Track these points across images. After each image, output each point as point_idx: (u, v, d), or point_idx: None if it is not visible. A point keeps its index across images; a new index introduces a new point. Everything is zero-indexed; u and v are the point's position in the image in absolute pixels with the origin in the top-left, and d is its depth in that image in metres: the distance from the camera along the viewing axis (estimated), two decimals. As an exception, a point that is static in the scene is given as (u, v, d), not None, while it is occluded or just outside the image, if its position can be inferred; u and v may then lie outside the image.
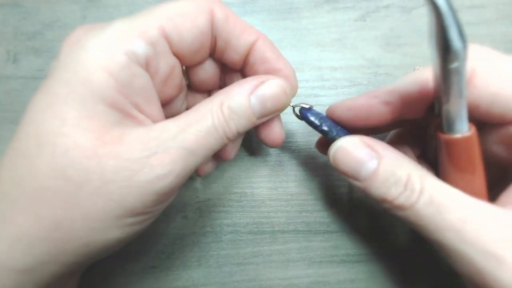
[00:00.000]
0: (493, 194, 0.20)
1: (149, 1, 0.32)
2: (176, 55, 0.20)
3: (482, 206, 0.18)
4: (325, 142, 0.25)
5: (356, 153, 0.20)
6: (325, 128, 0.22)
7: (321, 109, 0.25)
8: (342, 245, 0.28)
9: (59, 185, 0.16)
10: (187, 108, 0.24)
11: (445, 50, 0.15)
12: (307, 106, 0.23)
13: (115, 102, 0.17)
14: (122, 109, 0.18)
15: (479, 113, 0.20)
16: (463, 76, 0.16)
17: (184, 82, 0.23)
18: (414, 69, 0.30)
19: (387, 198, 0.19)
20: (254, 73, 0.22)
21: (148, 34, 0.18)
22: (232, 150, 0.26)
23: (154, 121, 0.20)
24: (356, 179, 0.20)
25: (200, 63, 0.22)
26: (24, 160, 0.17)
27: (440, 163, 0.20)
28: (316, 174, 0.29)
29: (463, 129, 0.18)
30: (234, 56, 0.21)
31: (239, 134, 0.20)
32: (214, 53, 0.22)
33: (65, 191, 0.16)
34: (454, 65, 0.16)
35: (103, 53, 0.17)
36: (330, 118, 0.23)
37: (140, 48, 0.18)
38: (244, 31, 0.21)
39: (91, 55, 0.17)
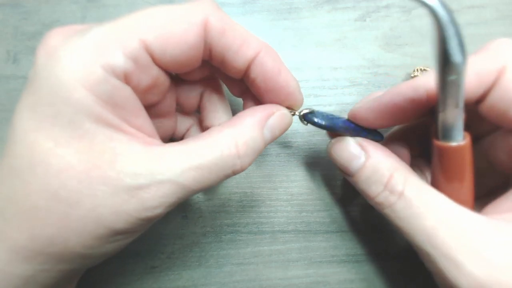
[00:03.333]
0: (491, 198, 0.20)
1: (149, 1, 0.32)
2: (160, 66, 0.18)
3: (459, 214, 0.19)
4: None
5: (349, 148, 0.22)
6: (332, 125, 0.23)
7: (321, 109, 0.25)
8: (342, 245, 0.28)
9: (52, 205, 0.16)
10: (178, 105, 0.24)
11: (444, 62, 0.15)
12: (308, 111, 0.23)
13: (100, 117, 0.16)
14: (110, 124, 0.17)
15: (495, 114, 0.19)
16: (461, 88, 0.17)
17: (170, 85, 0.21)
18: (414, 70, 0.30)
19: (368, 194, 0.21)
20: (255, 89, 0.21)
21: (127, 46, 0.16)
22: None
23: (146, 133, 0.19)
24: (347, 172, 0.22)
25: (189, 72, 0.21)
26: (18, 179, 0.17)
27: (433, 167, 0.21)
28: (316, 174, 0.29)
29: (458, 138, 0.19)
30: (232, 69, 0.20)
31: (249, 166, 0.20)
32: (211, 60, 0.20)
33: (57, 211, 0.16)
34: (452, 77, 0.16)
35: (79, 67, 0.16)
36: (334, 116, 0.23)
37: (119, 61, 0.16)
38: (242, 46, 0.19)
39: (68, 70, 0.16)
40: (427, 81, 0.19)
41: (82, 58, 0.16)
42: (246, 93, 0.23)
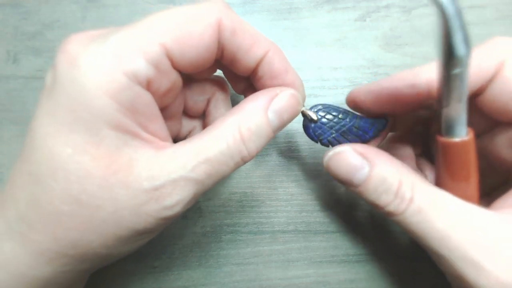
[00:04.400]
0: (493, 197, 0.20)
1: (149, 1, 0.32)
2: (177, 69, 0.19)
3: (469, 212, 0.18)
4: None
5: (349, 160, 0.20)
6: (325, 142, 0.23)
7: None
8: (342, 245, 0.28)
9: (74, 210, 0.17)
10: (185, 109, 0.24)
11: (449, 55, 0.15)
12: (313, 116, 0.22)
13: (120, 124, 0.17)
14: (128, 130, 0.17)
15: (495, 109, 0.19)
16: (465, 82, 0.16)
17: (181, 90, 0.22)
18: (414, 69, 0.30)
19: (378, 204, 0.20)
20: (261, 86, 0.21)
21: (149, 52, 0.17)
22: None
23: (160, 138, 0.19)
24: (350, 185, 0.21)
25: (202, 72, 0.21)
26: (39, 185, 0.17)
27: (437, 165, 0.20)
28: (316, 174, 0.29)
29: (461, 133, 0.18)
30: (241, 68, 0.20)
31: (257, 153, 0.20)
32: (222, 59, 0.21)
33: (79, 215, 0.17)
34: (456, 71, 0.16)
35: (102, 74, 0.16)
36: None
37: (141, 68, 0.16)
38: (253, 45, 0.19)
39: (90, 78, 0.16)
40: (428, 70, 0.19)
41: (104, 65, 0.16)
42: (249, 90, 0.23)
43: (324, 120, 0.22)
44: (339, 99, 0.30)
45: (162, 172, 0.17)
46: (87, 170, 0.17)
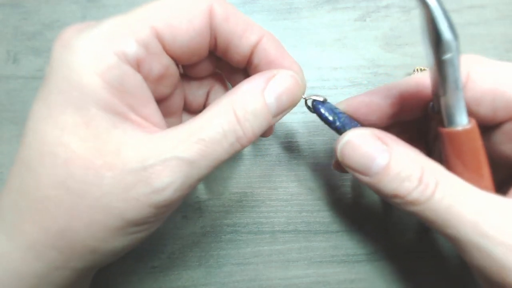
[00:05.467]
0: (501, 193, 0.20)
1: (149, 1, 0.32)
2: (170, 55, 0.19)
3: (495, 199, 0.18)
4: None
5: (366, 146, 0.19)
6: (338, 124, 0.21)
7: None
8: (342, 245, 0.28)
9: (60, 195, 0.16)
10: (185, 104, 0.24)
11: (438, 42, 0.16)
12: (320, 99, 0.22)
13: (109, 104, 0.17)
14: (117, 111, 0.17)
15: (482, 115, 0.20)
16: (457, 67, 0.17)
17: (180, 82, 0.22)
18: (414, 70, 0.30)
19: (399, 193, 0.18)
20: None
21: (139, 34, 0.17)
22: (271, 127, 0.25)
23: (153, 123, 0.19)
24: (366, 174, 0.19)
25: (198, 62, 0.21)
26: (28, 171, 0.17)
27: (445, 160, 0.20)
28: (316, 174, 0.29)
29: (463, 122, 0.18)
30: (236, 56, 0.20)
31: (255, 137, 0.18)
32: (216, 50, 0.20)
33: (66, 202, 0.16)
34: (447, 56, 0.17)
35: (92, 54, 0.16)
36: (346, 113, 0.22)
37: (131, 48, 0.17)
38: (246, 31, 0.19)
39: (80, 58, 0.16)
40: (419, 76, 0.20)
41: (95, 45, 0.16)
42: None
43: (329, 104, 0.22)
44: (339, 99, 0.30)
45: (152, 152, 0.17)
46: (74, 152, 0.16)
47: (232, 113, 0.17)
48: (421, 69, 0.30)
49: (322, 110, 0.22)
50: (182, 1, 0.18)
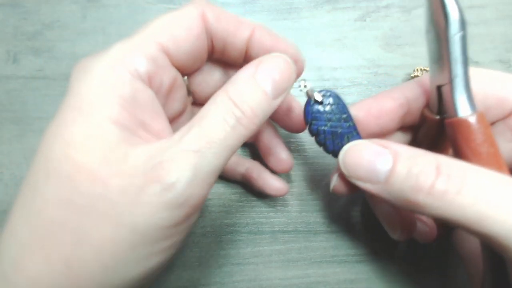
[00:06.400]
0: None
1: (149, 1, 0.32)
2: (176, 66, 0.20)
3: None
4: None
5: (369, 151, 0.18)
6: (314, 128, 0.21)
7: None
8: (342, 245, 0.28)
9: (66, 215, 0.15)
10: (194, 96, 0.24)
11: (450, 20, 0.17)
12: (318, 97, 0.21)
13: (120, 119, 0.17)
14: (128, 127, 0.17)
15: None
16: (467, 46, 0.17)
17: (188, 99, 0.23)
18: (414, 70, 0.30)
19: (420, 189, 0.16)
20: None
21: (147, 50, 0.18)
22: (288, 158, 0.26)
23: (164, 138, 0.19)
24: (374, 180, 0.18)
25: (199, 68, 0.22)
26: (33, 194, 0.16)
27: (457, 154, 0.19)
28: (316, 174, 0.29)
29: (472, 109, 0.18)
30: (233, 53, 0.21)
31: (257, 118, 0.18)
32: (213, 55, 0.22)
33: (71, 222, 0.15)
34: (460, 33, 0.17)
35: (106, 73, 0.17)
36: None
37: (141, 64, 0.18)
38: (238, 27, 0.21)
39: (95, 76, 0.17)
40: (423, 78, 0.21)
41: (108, 65, 0.17)
42: None
43: (327, 108, 0.21)
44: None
45: (158, 152, 0.16)
46: (80, 165, 0.16)
47: (227, 98, 0.18)
48: (421, 69, 0.30)
49: (309, 108, 0.21)
50: (178, 13, 0.19)
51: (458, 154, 0.19)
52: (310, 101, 0.21)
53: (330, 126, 0.21)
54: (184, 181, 0.16)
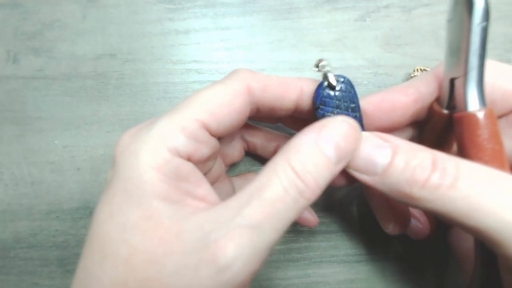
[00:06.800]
0: None
1: (149, 1, 0.32)
2: (215, 136, 0.20)
3: None
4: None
5: (369, 143, 0.18)
6: (320, 113, 0.20)
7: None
8: (342, 245, 0.28)
9: None
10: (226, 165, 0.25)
11: (472, 9, 0.17)
12: (332, 80, 0.20)
13: (167, 195, 0.17)
14: (176, 200, 0.17)
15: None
16: (487, 38, 0.17)
17: (221, 160, 0.24)
18: (414, 70, 0.30)
19: (415, 183, 0.16)
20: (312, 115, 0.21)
21: (187, 128, 0.18)
22: (311, 214, 0.26)
23: (210, 202, 0.19)
24: (371, 172, 0.18)
25: (236, 131, 0.23)
26: (89, 277, 0.16)
27: (463, 150, 0.19)
28: (316, 174, 0.29)
29: (483, 104, 0.18)
30: (281, 112, 0.22)
31: (320, 188, 0.17)
32: (260, 114, 0.22)
33: None
34: (484, 23, 0.17)
35: (148, 154, 0.17)
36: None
37: (181, 142, 0.18)
38: (285, 92, 0.20)
39: (140, 159, 0.17)
40: (436, 69, 0.20)
41: (150, 146, 0.18)
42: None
43: (338, 94, 0.21)
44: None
45: (212, 226, 0.16)
46: (136, 248, 0.16)
47: (289, 168, 0.17)
48: (421, 69, 0.30)
49: (320, 91, 0.20)
50: (221, 89, 0.19)
51: (463, 149, 0.19)
52: (323, 84, 0.20)
53: (337, 114, 0.21)
54: (241, 261, 0.15)
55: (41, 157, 0.29)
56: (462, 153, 0.19)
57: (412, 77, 0.30)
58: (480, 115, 0.18)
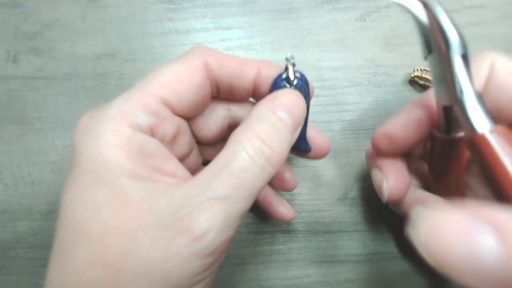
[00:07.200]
0: None
1: (149, 1, 0.32)
2: (178, 115, 0.20)
3: None
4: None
5: (462, 228, 0.12)
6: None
7: (321, 109, 0.24)
8: (342, 245, 0.28)
9: (99, 276, 0.16)
10: (204, 163, 0.24)
11: (452, 43, 0.17)
12: (291, 77, 0.21)
13: (134, 171, 0.17)
14: (144, 176, 0.17)
15: (506, 118, 0.20)
16: (470, 65, 0.18)
17: (193, 140, 0.23)
18: (414, 70, 0.30)
19: None
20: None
21: (147, 104, 0.18)
22: (292, 177, 0.25)
23: (180, 178, 0.19)
24: (476, 267, 0.12)
25: (203, 112, 0.22)
26: (65, 257, 0.17)
27: (487, 174, 0.18)
28: (316, 174, 0.29)
29: (492, 123, 0.17)
30: (241, 93, 0.21)
31: (285, 154, 0.18)
32: (218, 96, 0.22)
33: (106, 280, 0.16)
34: (464, 52, 0.17)
35: (109, 132, 0.17)
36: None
37: (142, 119, 0.18)
38: (242, 69, 0.20)
39: (101, 138, 0.17)
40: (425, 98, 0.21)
41: (109, 124, 0.17)
42: None
43: (293, 88, 0.21)
44: (339, 99, 0.30)
45: (184, 201, 0.16)
46: (107, 223, 0.16)
47: (255, 136, 0.17)
48: (421, 69, 0.30)
49: (278, 81, 0.21)
50: (179, 66, 0.19)
51: (486, 173, 0.18)
52: (282, 75, 0.21)
53: None
54: (214, 230, 0.16)
55: (41, 157, 0.29)
56: (486, 177, 0.18)
57: (412, 77, 0.30)
58: (491, 135, 0.17)
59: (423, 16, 0.18)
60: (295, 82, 0.21)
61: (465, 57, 0.17)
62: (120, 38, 0.31)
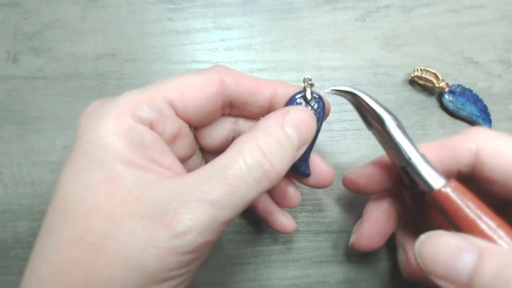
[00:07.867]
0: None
1: (149, 1, 0.32)
2: (182, 118, 0.20)
3: None
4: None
5: (450, 246, 0.16)
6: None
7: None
8: (342, 245, 0.28)
9: (80, 254, 0.16)
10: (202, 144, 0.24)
11: (385, 119, 0.20)
12: (308, 96, 0.21)
13: (131, 159, 0.17)
14: (140, 165, 0.17)
15: (496, 193, 0.20)
16: (404, 128, 0.20)
17: (196, 146, 0.23)
18: (414, 70, 0.30)
19: None
20: None
21: (153, 101, 0.19)
22: (295, 193, 0.25)
23: (175, 172, 0.19)
24: (454, 280, 0.16)
25: (210, 123, 0.22)
26: (50, 233, 0.17)
27: (455, 225, 0.19)
28: (316, 174, 0.29)
29: (444, 179, 0.19)
30: (255, 110, 0.22)
31: (283, 171, 0.18)
32: (231, 111, 0.22)
33: (84, 261, 0.16)
34: (395, 124, 0.20)
35: (112, 120, 0.18)
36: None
37: (145, 112, 0.18)
38: (259, 87, 0.21)
39: (104, 123, 0.18)
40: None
41: (114, 112, 0.18)
42: None
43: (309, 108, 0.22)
44: (339, 100, 0.30)
45: (174, 196, 0.16)
46: (95, 205, 0.16)
47: (256, 148, 0.17)
48: (421, 69, 0.30)
49: (294, 99, 0.21)
50: (194, 77, 0.20)
51: (454, 225, 0.19)
52: (300, 93, 0.22)
53: None
54: (196, 230, 0.16)
55: (41, 157, 0.29)
56: (456, 227, 0.19)
57: (412, 77, 0.30)
58: (445, 190, 0.19)
59: (357, 102, 0.21)
60: (312, 102, 0.22)
61: (399, 126, 0.20)
62: (120, 38, 0.31)
